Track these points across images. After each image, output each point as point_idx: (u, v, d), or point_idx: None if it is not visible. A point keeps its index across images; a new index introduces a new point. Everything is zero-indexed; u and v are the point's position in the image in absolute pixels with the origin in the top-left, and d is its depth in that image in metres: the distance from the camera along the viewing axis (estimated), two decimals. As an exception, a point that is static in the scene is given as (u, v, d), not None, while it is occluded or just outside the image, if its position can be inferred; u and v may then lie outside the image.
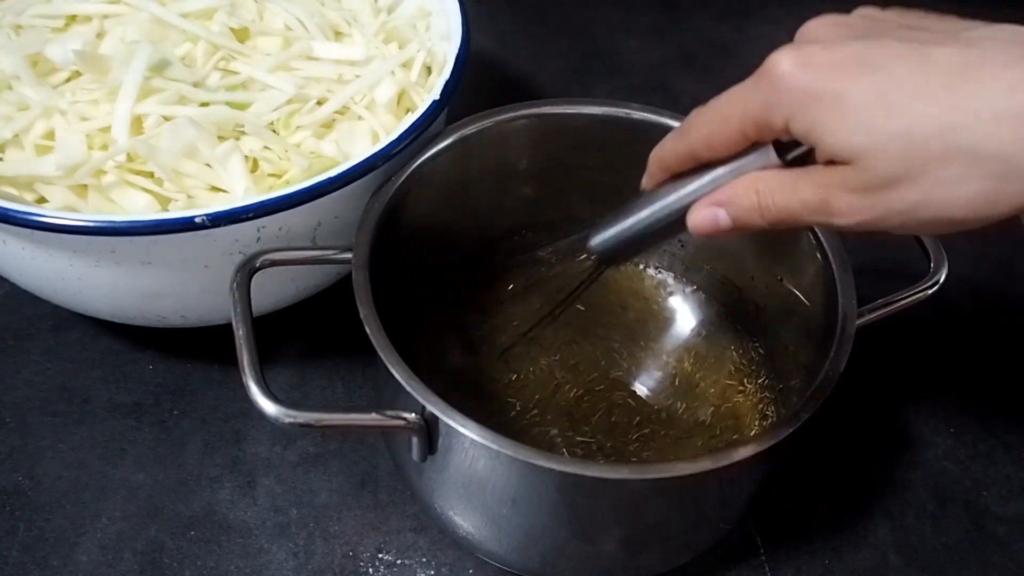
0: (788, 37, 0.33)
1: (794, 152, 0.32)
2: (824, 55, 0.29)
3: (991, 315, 0.59)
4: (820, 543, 0.47)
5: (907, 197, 0.29)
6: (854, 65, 0.29)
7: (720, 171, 0.34)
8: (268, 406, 0.36)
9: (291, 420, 0.35)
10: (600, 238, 0.39)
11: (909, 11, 0.32)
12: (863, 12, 0.32)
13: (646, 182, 0.37)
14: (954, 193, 0.28)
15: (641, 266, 0.54)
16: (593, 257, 0.40)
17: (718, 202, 0.33)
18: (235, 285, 0.40)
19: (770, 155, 0.32)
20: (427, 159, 0.46)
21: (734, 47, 0.78)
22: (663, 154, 0.36)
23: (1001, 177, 0.27)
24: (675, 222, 0.35)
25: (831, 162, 0.30)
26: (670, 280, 0.54)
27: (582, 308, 0.52)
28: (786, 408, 0.47)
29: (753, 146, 0.33)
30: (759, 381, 0.49)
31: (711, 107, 0.33)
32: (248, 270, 0.40)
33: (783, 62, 0.30)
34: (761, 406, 0.48)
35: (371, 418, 0.37)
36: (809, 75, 0.29)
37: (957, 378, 0.55)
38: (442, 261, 0.51)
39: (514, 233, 0.53)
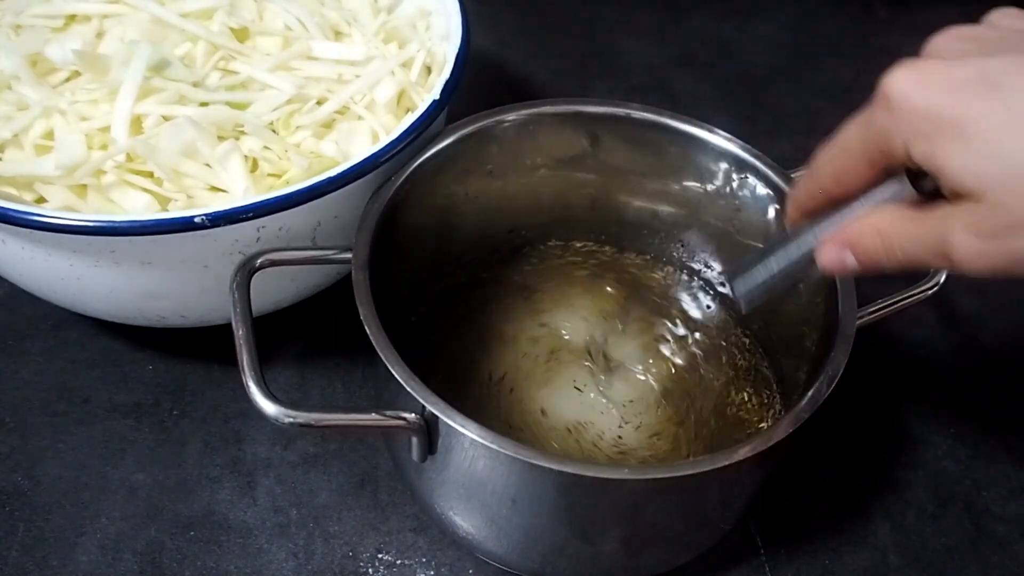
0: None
1: (932, 179, 0.29)
2: (943, 73, 0.27)
3: (991, 315, 0.59)
4: (820, 543, 0.47)
5: None
6: (977, 84, 0.26)
7: (854, 206, 0.32)
8: (268, 406, 0.36)
9: (291, 420, 0.36)
10: (744, 288, 0.38)
11: None
12: (997, 18, 0.29)
13: (787, 225, 0.36)
14: None
15: (637, 266, 0.54)
16: (736, 304, 0.39)
17: (844, 241, 0.31)
18: (235, 285, 0.40)
19: (903, 185, 0.30)
20: (427, 159, 0.46)
21: (734, 47, 0.78)
22: (797, 194, 0.34)
23: None
24: (811, 263, 0.34)
25: (957, 196, 0.27)
26: (669, 280, 0.54)
27: (582, 308, 0.52)
28: (786, 408, 0.47)
29: (888, 174, 0.30)
30: (759, 381, 0.49)
31: (834, 140, 0.31)
32: (248, 270, 0.40)
33: (898, 81, 0.27)
34: (761, 406, 0.48)
35: (371, 418, 0.37)
36: (926, 95, 0.27)
37: (957, 378, 0.55)
38: (442, 261, 0.51)
39: (514, 233, 0.53)
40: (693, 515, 0.41)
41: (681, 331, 0.52)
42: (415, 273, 0.49)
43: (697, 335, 0.52)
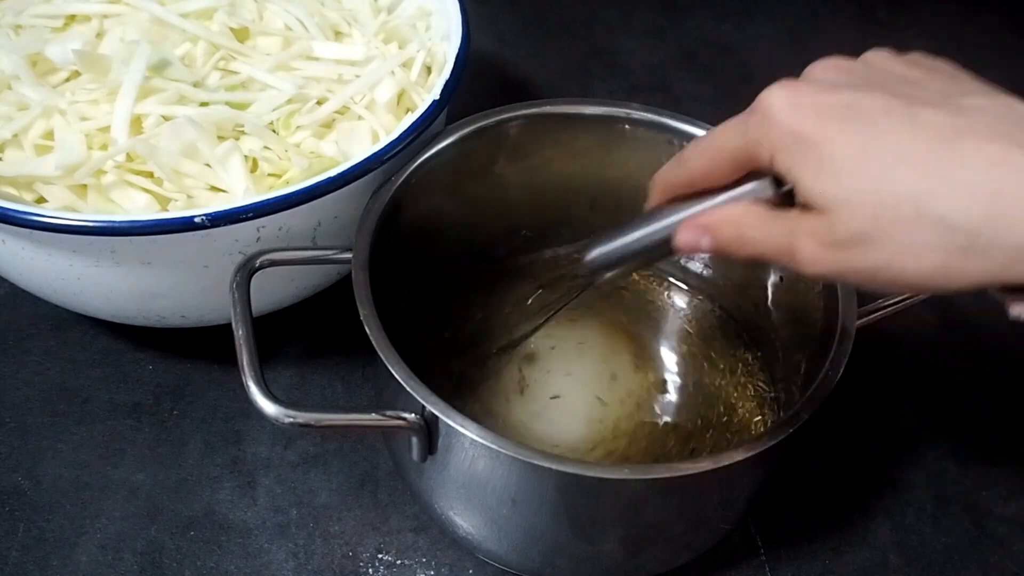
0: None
1: (789, 187, 0.32)
2: (813, 97, 0.29)
3: (991, 315, 0.58)
4: (820, 543, 0.47)
5: (869, 258, 0.28)
6: (841, 113, 0.29)
7: (717, 199, 0.34)
8: (268, 406, 0.36)
9: (291, 420, 0.36)
10: (598, 251, 0.39)
11: (925, 61, 0.32)
12: (872, 57, 0.32)
13: (648, 204, 0.38)
14: (916, 261, 0.28)
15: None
16: (588, 269, 0.40)
17: (704, 226, 0.33)
18: (235, 285, 0.40)
19: (766, 186, 0.32)
20: (427, 159, 0.46)
21: (734, 47, 0.78)
22: (663, 178, 0.36)
23: (963, 252, 0.27)
24: (667, 242, 0.36)
25: (807, 207, 0.30)
26: (669, 280, 0.54)
27: (580, 310, 0.52)
28: (786, 408, 0.47)
29: (752, 175, 0.33)
30: (759, 381, 0.49)
31: (708, 137, 0.33)
32: (248, 270, 0.40)
33: (774, 98, 0.30)
34: (761, 406, 0.48)
35: (371, 418, 0.37)
36: (796, 116, 0.29)
37: (957, 378, 0.55)
38: (442, 260, 0.51)
39: (514, 233, 0.53)
40: (693, 515, 0.41)
41: (680, 331, 0.52)
42: (415, 273, 0.49)
43: (696, 336, 0.52)
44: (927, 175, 0.27)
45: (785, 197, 0.32)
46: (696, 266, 0.53)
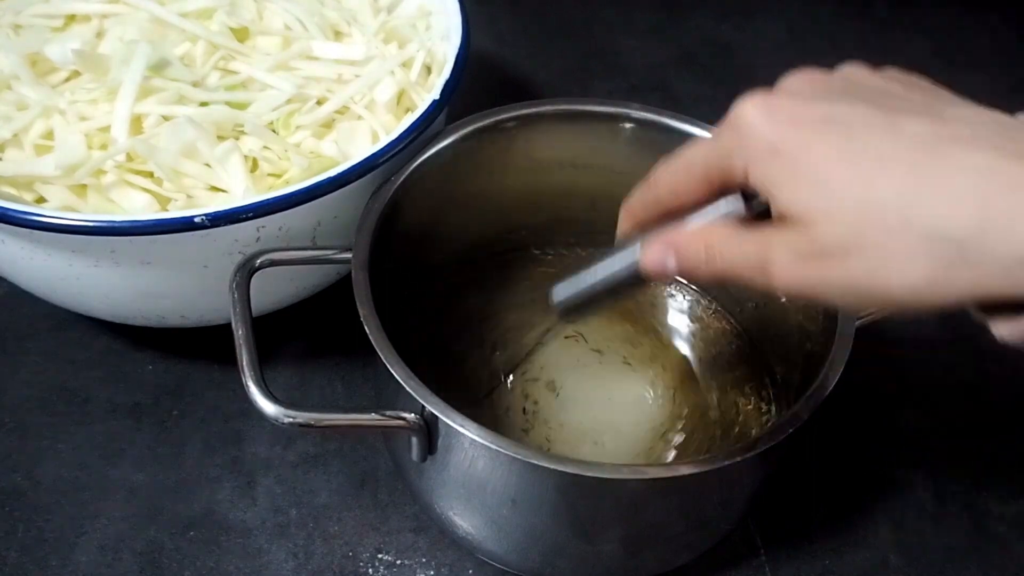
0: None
1: (762, 202, 0.31)
2: (790, 108, 0.29)
3: (991, 315, 0.58)
4: (820, 543, 0.47)
5: (849, 270, 0.27)
6: (819, 123, 0.28)
7: (685, 220, 0.33)
8: (267, 406, 0.36)
9: (290, 420, 0.36)
10: (564, 294, 0.38)
11: (902, 76, 0.31)
12: (848, 71, 0.31)
13: (617, 236, 0.36)
14: (899, 272, 0.27)
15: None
16: (557, 313, 0.39)
17: (669, 243, 0.32)
18: (234, 285, 0.40)
19: (737, 203, 0.31)
20: (427, 159, 0.46)
21: (734, 47, 0.78)
22: (631, 204, 0.35)
23: (949, 263, 0.26)
24: (636, 272, 0.34)
25: (783, 220, 0.29)
26: (668, 281, 0.54)
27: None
28: (786, 408, 0.47)
29: (721, 194, 0.32)
30: (758, 381, 0.49)
31: (677, 155, 0.33)
32: (247, 270, 0.40)
33: (748, 109, 0.29)
34: (761, 406, 0.48)
35: (370, 418, 0.37)
36: (771, 126, 0.28)
37: (958, 378, 0.55)
38: (442, 260, 0.51)
39: (513, 232, 0.53)
40: (693, 515, 0.41)
41: (679, 332, 0.52)
42: (415, 273, 0.49)
43: (695, 337, 0.52)
44: (912, 182, 0.26)
45: (757, 215, 0.31)
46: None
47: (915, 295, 0.27)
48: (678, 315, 0.53)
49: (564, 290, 0.38)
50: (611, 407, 0.48)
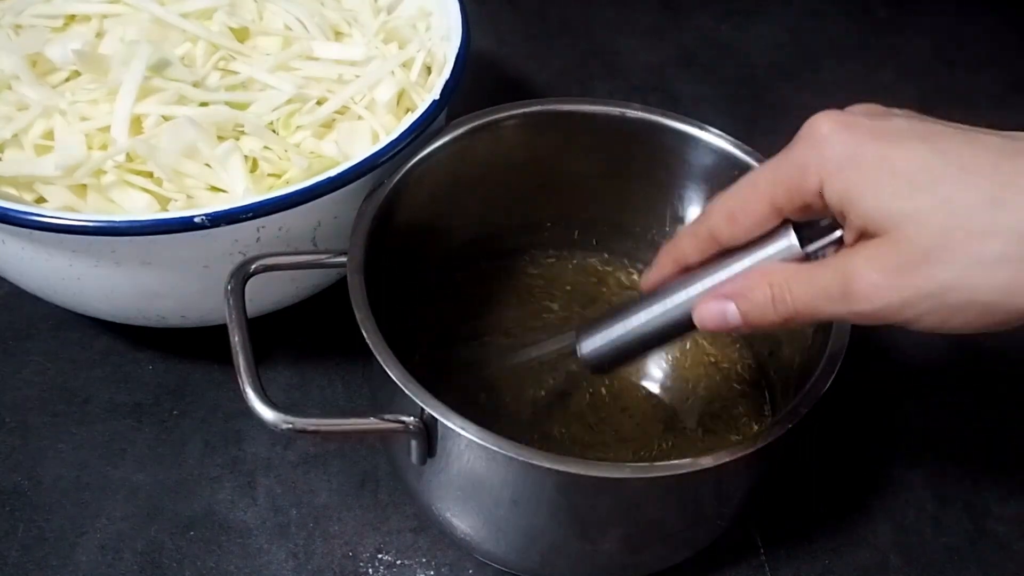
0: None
1: (817, 243, 0.30)
2: (867, 123, 0.29)
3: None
4: (820, 543, 0.47)
5: (939, 276, 0.27)
6: (898, 134, 0.28)
7: (735, 263, 0.31)
8: (265, 412, 0.35)
9: (288, 427, 0.35)
10: (593, 347, 0.35)
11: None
12: (898, 112, 0.31)
13: (651, 279, 0.35)
14: (988, 276, 0.27)
15: (634, 266, 0.54)
16: (585, 366, 0.36)
17: (728, 295, 0.31)
18: (229, 290, 0.39)
19: (791, 240, 0.30)
20: (421, 159, 0.45)
21: (734, 47, 0.77)
22: (676, 242, 0.34)
23: None
24: (681, 323, 0.32)
25: (861, 238, 0.28)
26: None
27: (578, 310, 0.52)
28: (784, 405, 0.47)
29: (773, 234, 0.31)
30: (757, 379, 0.49)
31: (738, 183, 0.32)
32: (242, 275, 0.40)
33: (825, 123, 0.29)
34: (759, 403, 0.48)
35: (369, 423, 0.37)
36: (851, 137, 0.28)
37: (957, 378, 0.55)
38: (439, 260, 0.51)
39: (511, 233, 0.53)
40: (692, 513, 0.41)
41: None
42: (413, 274, 0.49)
43: (693, 335, 0.52)
44: (997, 186, 0.26)
45: (814, 255, 0.30)
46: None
47: (1004, 297, 0.27)
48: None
49: (594, 343, 0.36)
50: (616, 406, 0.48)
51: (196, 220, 0.39)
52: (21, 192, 0.44)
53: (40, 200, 0.44)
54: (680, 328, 0.33)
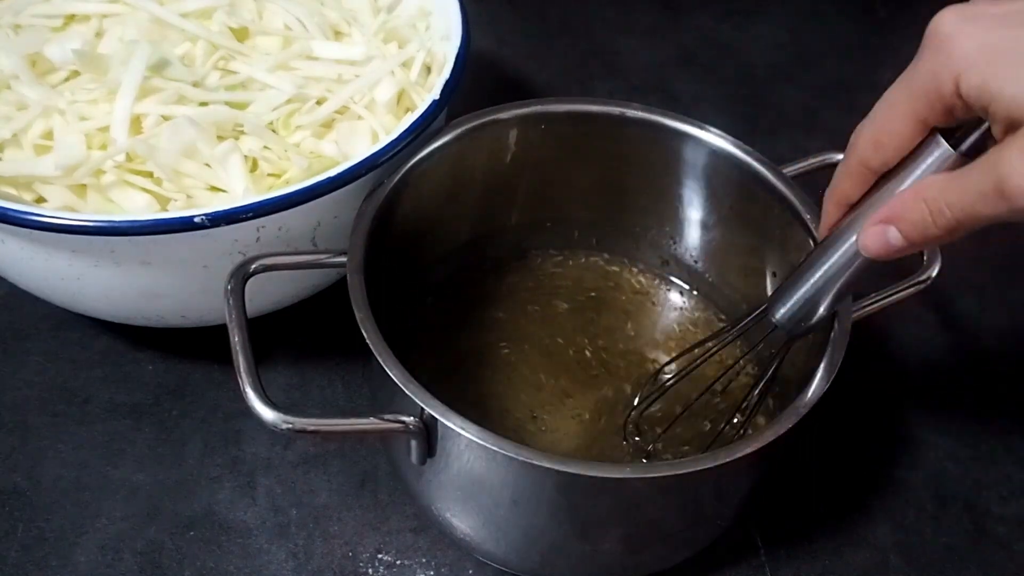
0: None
1: (969, 140, 0.30)
2: (989, 12, 0.28)
3: (991, 315, 0.59)
4: (820, 543, 0.47)
5: None
6: (1021, 17, 0.27)
7: (894, 185, 0.31)
8: (265, 412, 0.35)
9: (288, 427, 0.35)
10: (784, 310, 0.36)
11: None
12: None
13: (822, 230, 0.35)
14: None
15: (634, 266, 0.54)
16: (783, 331, 0.37)
17: (886, 219, 0.31)
18: (229, 290, 0.39)
19: (942, 147, 0.30)
20: (421, 159, 0.46)
21: (734, 47, 0.77)
22: (834, 185, 0.33)
23: None
24: (856, 260, 0.33)
25: (1009, 130, 0.27)
26: (664, 278, 0.54)
27: (577, 310, 0.52)
28: (784, 405, 0.47)
29: (923, 146, 0.30)
30: (756, 379, 0.49)
31: (874, 108, 0.31)
32: (241, 275, 0.40)
33: (948, 19, 0.28)
34: (759, 403, 0.48)
35: (369, 423, 0.37)
36: (978, 28, 0.27)
37: (957, 378, 0.55)
38: (439, 259, 0.51)
39: (511, 232, 0.53)
40: (692, 512, 0.41)
41: (677, 330, 0.52)
42: (413, 273, 0.49)
43: (692, 335, 0.52)
44: None
45: (966, 153, 0.29)
46: (690, 262, 0.53)
47: None
48: (673, 312, 0.53)
49: (786, 307, 0.36)
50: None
51: (196, 220, 0.39)
52: (21, 192, 0.44)
53: (40, 200, 0.44)
54: (857, 270, 0.33)
